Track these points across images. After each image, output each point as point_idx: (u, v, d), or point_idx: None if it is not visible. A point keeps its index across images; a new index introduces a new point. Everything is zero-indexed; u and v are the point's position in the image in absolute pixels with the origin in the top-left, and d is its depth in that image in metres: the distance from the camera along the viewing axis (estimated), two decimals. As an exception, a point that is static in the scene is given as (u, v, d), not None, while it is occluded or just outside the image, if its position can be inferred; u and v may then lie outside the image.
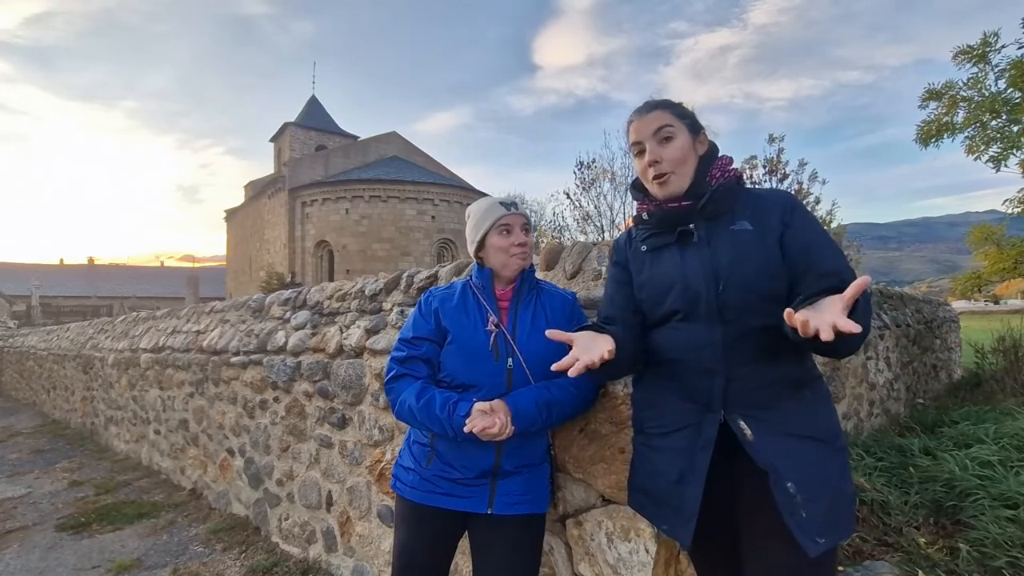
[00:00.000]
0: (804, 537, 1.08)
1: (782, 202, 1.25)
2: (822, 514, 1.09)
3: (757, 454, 1.14)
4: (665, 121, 1.27)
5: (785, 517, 1.09)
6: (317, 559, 2.81)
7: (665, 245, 1.31)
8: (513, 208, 1.61)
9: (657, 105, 1.30)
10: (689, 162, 1.27)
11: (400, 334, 1.64)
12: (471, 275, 1.67)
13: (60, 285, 37.03)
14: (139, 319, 6.07)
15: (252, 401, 3.42)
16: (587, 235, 11.51)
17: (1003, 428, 3.50)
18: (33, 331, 12.41)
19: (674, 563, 1.54)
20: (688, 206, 1.26)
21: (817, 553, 1.07)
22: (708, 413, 1.20)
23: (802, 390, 1.20)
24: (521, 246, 1.57)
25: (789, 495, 1.10)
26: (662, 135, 1.27)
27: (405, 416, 1.50)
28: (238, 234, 31.11)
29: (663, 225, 1.30)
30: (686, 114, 1.31)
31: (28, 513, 3.97)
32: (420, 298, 1.68)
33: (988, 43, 6.90)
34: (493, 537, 1.48)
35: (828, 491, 1.12)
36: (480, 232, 1.61)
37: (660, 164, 1.26)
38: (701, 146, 1.31)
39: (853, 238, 10.47)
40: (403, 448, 1.63)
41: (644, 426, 1.35)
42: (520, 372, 1.48)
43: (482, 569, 1.50)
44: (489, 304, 1.55)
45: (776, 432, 1.15)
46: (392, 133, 27.41)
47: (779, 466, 1.12)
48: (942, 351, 7.00)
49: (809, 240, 1.20)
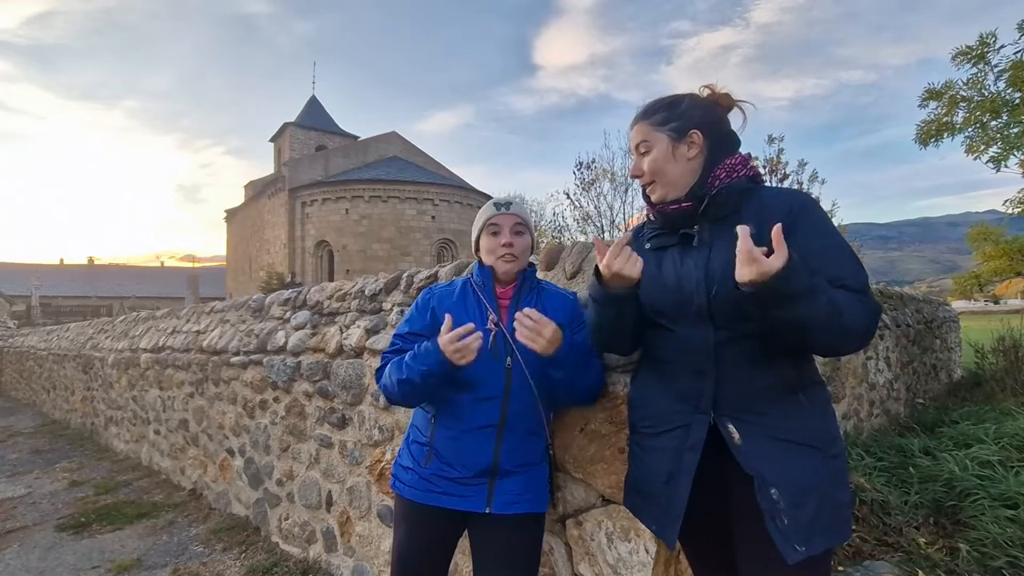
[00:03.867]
0: (784, 544, 1.07)
1: (790, 204, 1.21)
2: (806, 522, 1.08)
3: (743, 458, 1.14)
4: (641, 136, 1.31)
5: (767, 523, 1.09)
6: (317, 559, 2.81)
7: (668, 246, 1.31)
8: (504, 209, 1.59)
9: (638, 118, 1.33)
10: (669, 170, 1.27)
11: (396, 330, 1.63)
12: (472, 273, 1.67)
13: (60, 285, 37.04)
14: (139, 319, 6.07)
15: (252, 401, 3.42)
16: (587, 235, 11.51)
17: (1003, 428, 3.50)
18: (33, 331, 12.41)
19: (674, 563, 1.54)
20: (689, 207, 1.25)
21: (796, 560, 1.06)
22: (697, 414, 1.20)
23: (796, 394, 1.18)
24: (507, 247, 1.54)
25: (772, 501, 1.09)
26: (640, 150, 1.31)
27: (394, 380, 1.48)
28: (238, 234, 31.11)
29: (666, 227, 1.31)
30: (672, 118, 1.28)
31: (28, 513, 3.97)
32: (419, 295, 1.68)
33: (986, 44, 6.91)
34: (492, 537, 1.48)
35: (815, 498, 1.09)
36: (475, 232, 1.62)
37: (641, 177, 1.32)
38: (692, 147, 1.27)
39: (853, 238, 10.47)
40: (402, 448, 1.63)
41: (637, 426, 1.36)
42: (519, 371, 1.47)
43: (482, 569, 1.50)
44: (489, 302, 1.54)
45: (765, 436, 1.14)
46: (392, 133, 27.42)
47: (764, 471, 1.11)
48: (942, 351, 7.00)
49: (813, 246, 1.15)
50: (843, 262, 1.14)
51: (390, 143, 26.92)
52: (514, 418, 1.47)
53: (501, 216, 1.57)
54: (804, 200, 1.24)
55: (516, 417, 1.48)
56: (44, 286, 27.52)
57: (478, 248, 1.63)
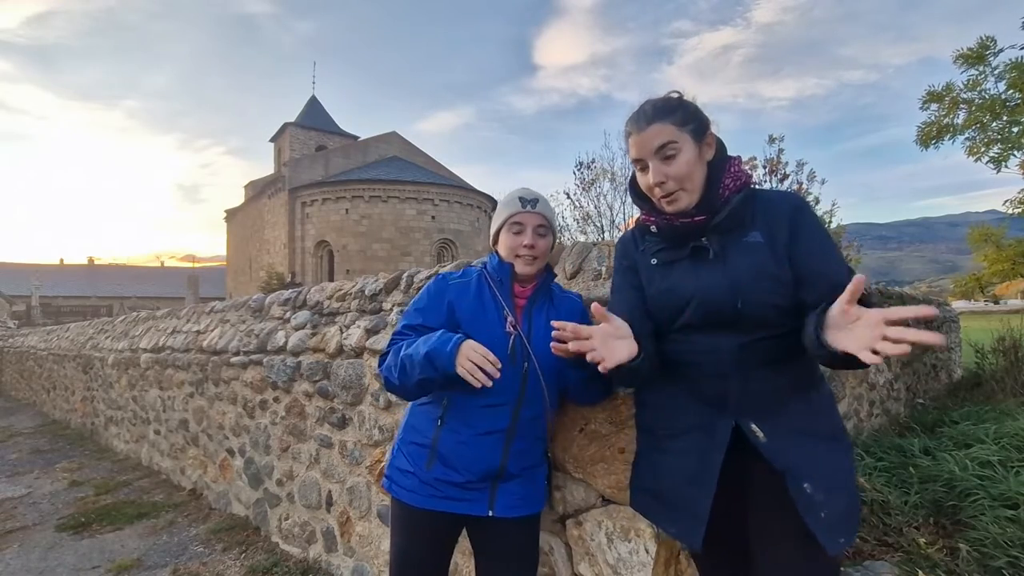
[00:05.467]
0: (826, 537, 1.06)
1: (789, 207, 1.20)
2: (841, 513, 1.09)
3: (772, 455, 1.13)
4: (667, 137, 1.16)
5: (805, 517, 1.08)
6: (317, 559, 2.81)
7: (677, 259, 1.25)
8: (530, 207, 1.48)
9: (656, 117, 1.18)
10: (697, 175, 1.19)
11: (406, 319, 1.52)
12: (487, 264, 1.57)
13: (60, 285, 37.03)
14: (139, 319, 6.07)
15: (252, 401, 3.42)
16: (587, 235, 11.50)
17: (1003, 428, 3.49)
18: (33, 331, 12.41)
19: (674, 563, 1.54)
20: (701, 221, 1.19)
21: (836, 552, 1.07)
22: (721, 416, 1.19)
23: (809, 391, 1.20)
24: (529, 248, 1.46)
25: (807, 495, 1.09)
26: (665, 153, 1.17)
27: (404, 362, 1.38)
28: (238, 234, 31.11)
29: (674, 241, 1.24)
30: (689, 118, 1.19)
31: (28, 513, 3.97)
32: (430, 283, 1.57)
33: (986, 46, 6.92)
34: (495, 539, 1.47)
35: (844, 490, 1.11)
36: (495, 225, 1.54)
37: (666, 184, 1.18)
38: (709, 149, 1.21)
39: (853, 238, 10.46)
40: (395, 449, 1.56)
41: (653, 427, 1.33)
42: (535, 377, 1.42)
43: (487, 571, 1.49)
44: (506, 302, 1.46)
45: (788, 432, 1.15)
46: (392, 133, 27.42)
47: (794, 466, 1.11)
48: (942, 351, 7.00)
49: (815, 248, 1.17)
50: (840, 263, 1.17)
51: (390, 143, 26.92)
52: (524, 424, 1.44)
53: (525, 215, 1.48)
54: (799, 200, 1.24)
55: (526, 423, 1.45)
56: (44, 286, 27.50)
57: (496, 241, 1.55)
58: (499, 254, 1.54)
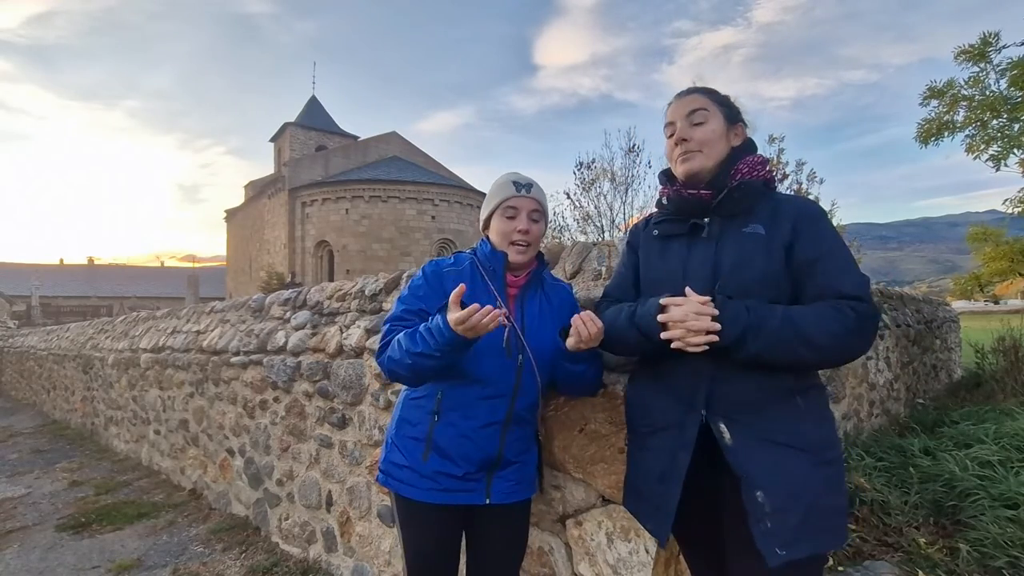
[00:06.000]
0: (765, 547, 1.06)
1: (800, 210, 1.22)
2: (792, 526, 1.06)
3: (733, 458, 1.13)
4: (700, 104, 1.26)
5: (751, 524, 1.08)
6: (317, 559, 2.81)
7: (676, 235, 1.30)
8: (525, 191, 1.47)
9: (697, 89, 1.30)
10: (718, 146, 1.26)
11: (402, 304, 1.48)
12: (477, 251, 1.53)
13: (60, 285, 37.04)
14: (139, 319, 6.07)
15: (252, 401, 3.42)
16: (587, 235, 11.49)
17: (1003, 428, 3.49)
18: (33, 331, 12.41)
19: (674, 563, 1.54)
20: (707, 196, 1.25)
21: (776, 564, 1.05)
22: (690, 413, 1.19)
23: (794, 397, 1.17)
24: (523, 234, 1.44)
25: (757, 503, 1.09)
26: (695, 118, 1.26)
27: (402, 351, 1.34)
28: (238, 234, 31.11)
29: (679, 212, 1.30)
30: (725, 102, 1.29)
31: (28, 513, 3.97)
32: (425, 266, 1.54)
33: (988, 43, 6.91)
34: (489, 526, 1.50)
35: (802, 503, 1.08)
36: (487, 209, 1.51)
37: (688, 143, 1.26)
38: (736, 138, 1.29)
39: (853, 238, 10.46)
40: (388, 444, 1.54)
41: (635, 425, 1.36)
42: (529, 368, 1.43)
43: (480, 557, 1.51)
44: (499, 291, 1.45)
45: (756, 438, 1.13)
46: (392, 133, 27.43)
47: (752, 473, 1.11)
48: (942, 351, 7.00)
49: (818, 253, 1.16)
50: (839, 271, 1.15)
51: (390, 143, 26.93)
52: (519, 414, 1.46)
53: (520, 199, 1.46)
54: (814, 210, 1.25)
55: (521, 413, 1.46)
56: (44, 286, 27.52)
57: (487, 226, 1.52)
58: (490, 240, 1.51)
